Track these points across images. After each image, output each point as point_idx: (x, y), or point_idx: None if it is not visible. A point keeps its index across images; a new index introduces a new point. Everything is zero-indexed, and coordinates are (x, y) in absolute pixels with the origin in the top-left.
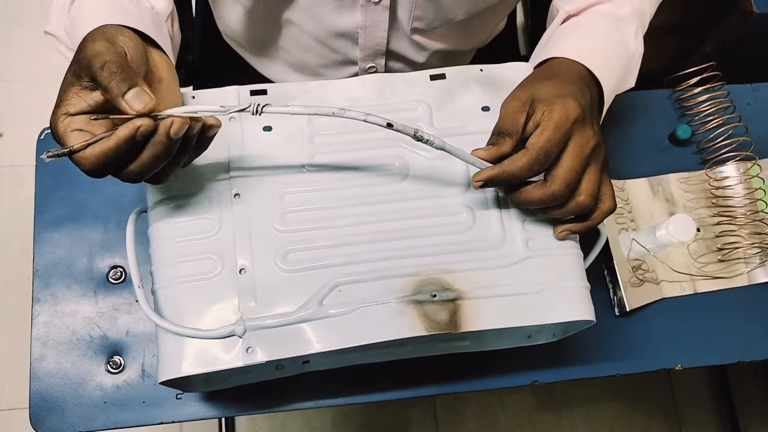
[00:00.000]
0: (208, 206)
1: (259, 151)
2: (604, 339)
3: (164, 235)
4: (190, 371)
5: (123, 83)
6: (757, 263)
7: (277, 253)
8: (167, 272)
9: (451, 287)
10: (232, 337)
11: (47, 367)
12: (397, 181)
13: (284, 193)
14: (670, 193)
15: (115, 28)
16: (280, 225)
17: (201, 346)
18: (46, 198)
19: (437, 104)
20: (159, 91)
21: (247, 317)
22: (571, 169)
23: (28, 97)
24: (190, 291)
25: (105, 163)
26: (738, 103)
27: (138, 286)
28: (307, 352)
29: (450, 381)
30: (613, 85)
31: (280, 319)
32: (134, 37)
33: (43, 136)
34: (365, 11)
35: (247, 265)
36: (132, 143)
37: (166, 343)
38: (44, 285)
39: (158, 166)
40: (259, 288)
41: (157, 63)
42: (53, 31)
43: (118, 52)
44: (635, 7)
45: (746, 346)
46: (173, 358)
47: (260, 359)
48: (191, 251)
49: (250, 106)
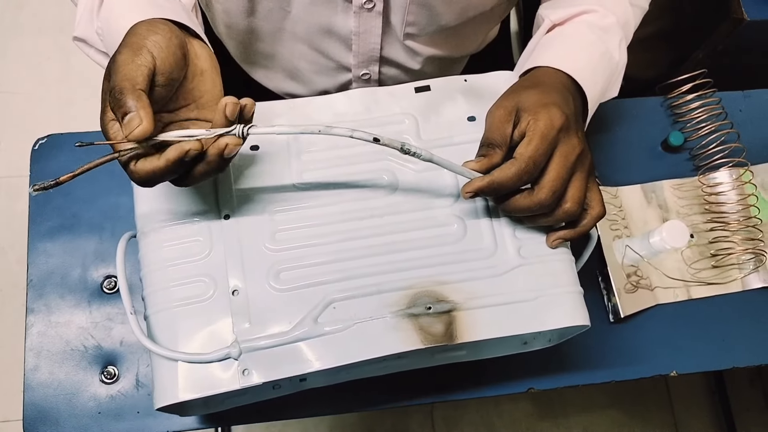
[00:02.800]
0: (198, 228)
1: (247, 171)
2: (598, 346)
3: (155, 260)
4: (186, 397)
5: (119, 110)
6: (751, 269)
7: (269, 272)
8: (159, 297)
9: (445, 299)
10: (228, 359)
11: (41, 378)
12: (386, 195)
13: (274, 212)
14: (664, 200)
15: (147, 27)
16: (271, 244)
17: (197, 371)
18: (40, 208)
19: (423, 116)
20: (203, 83)
21: (242, 339)
22: (557, 177)
23: (23, 108)
24: (183, 315)
25: (154, 179)
26: (730, 110)
27: (130, 312)
28: (305, 371)
29: (446, 389)
30: (597, 94)
31: (276, 340)
32: (168, 32)
33: (37, 146)
34: (358, 17)
35: (240, 286)
36: (180, 163)
37: (161, 369)
38: (38, 295)
39: (210, 178)
40: (253, 308)
41: (198, 54)
42: (82, 35)
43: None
44: (619, 17)
45: (741, 352)
46: (169, 383)
47: (257, 381)
48: (183, 274)
49: (236, 128)
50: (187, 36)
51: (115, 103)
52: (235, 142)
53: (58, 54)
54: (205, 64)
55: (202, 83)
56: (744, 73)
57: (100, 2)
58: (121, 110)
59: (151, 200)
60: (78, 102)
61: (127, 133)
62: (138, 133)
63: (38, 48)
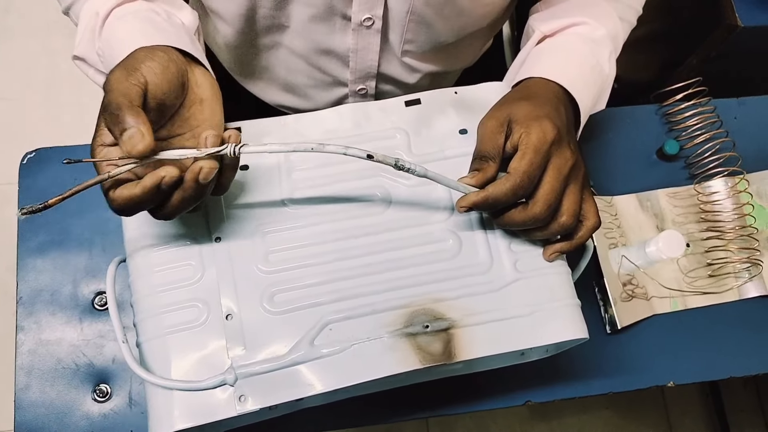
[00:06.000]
0: (189, 252)
1: (237, 191)
2: (595, 357)
3: (145, 285)
4: (182, 425)
5: (117, 127)
6: (747, 278)
7: (263, 295)
8: (151, 324)
9: (442, 316)
10: (224, 386)
11: (32, 397)
12: (380, 212)
13: (266, 233)
14: (659, 209)
15: (145, 53)
16: (264, 266)
17: (192, 398)
18: (29, 224)
19: (414, 130)
20: (201, 112)
21: (238, 365)
22: (552, 191)
23: (12, 115)
24: (176, 341)
25: (132, 207)
26: (724, 118)
27: (122, 341)
28: (302, 395)
29: (442, 403)
30: (589, 105)
31: (272, 364)
32: (166, 59)
33: (25, 160)
34: (357, 35)
35: (234, 309)
36: (157, 190)
37: (155, 397)
38: (28, 313)
39: (189, 207)
40: (248, 333)
41: (200, 82)
42: (82, 54)
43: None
44: (610, 30)
45: (738, 362)
46: (164, 412)
47: (254, 407)
48: (175, 300)
49: (227, 147)
50: (190, 63)
51: (112, 119)
52: (210, 165)
53: (47, 58)
54: (206, 93)
55: (200, 112)
56: (738, 79)
57: (102, 23)
58: (119, 126)
59: (139, 224)
60: (67, 106)
61: (127, 149)
62: (141, 149)
63: (26, 52)
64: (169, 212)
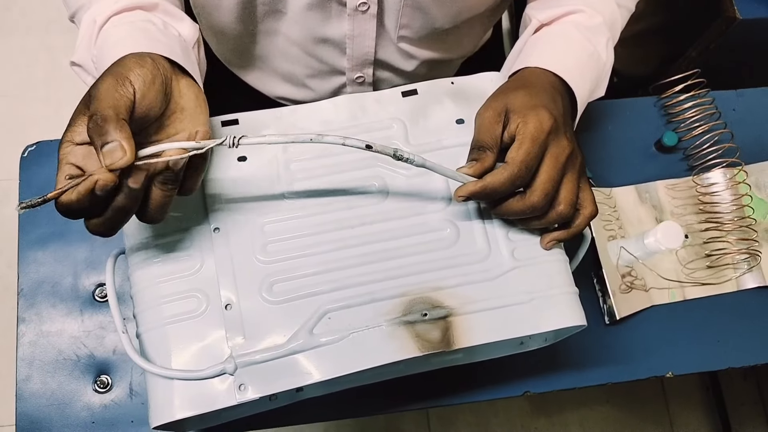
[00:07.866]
0: (188, 243)
1: (235, 183)
2: (594, 348)
3: (145, 277)
4: (182, 415)
5: (100, 138)
6: (746, 269)
7: (262, 285)
8: (151, 314)
9: (441, 305)
10: (224, 375)
11: (33, 388)
12: (378, 202)
13: (264, 223)
14: (658, 200)
15: (134, 60)
16: (262, 256)
17: (192, 388)
18: (30, 216)
19: (411, 120)
20: (180, 121)
21: (237, 354)
22: (549, 180)
23: (11, 111)
24: (176, 332)
25: (73, 212)
26: (723, 109)
27: (122, 331)
28: (302, 384)
29: (441, 394)
30: (586, 93)
31: (271, 353)
32: (154, 68)
33: (26, 153)
34: (353, 20)
35: (233, 300)
36: (93, 197)
37: (156, 387)
38: (29, 305)
39: (124, 219)
40: (247, 322)
41: (183, 92)
42: (80, 61)
43: (117, 99)
44: (606, 18)
45: (736, 352)
46: (164, 401)
47: (254, 396)
48: (174, 291)
49: (226, 139)
50: (176, 73)
51: (96, 130)
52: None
53: (47, 55)
54: (188, 104)
55: (179, 121)
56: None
57: (98, 30)
58: (101, 138)
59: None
60: (67, 102)
61: (107, 162)
62: (120, 165)
63: (27, 48)
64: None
